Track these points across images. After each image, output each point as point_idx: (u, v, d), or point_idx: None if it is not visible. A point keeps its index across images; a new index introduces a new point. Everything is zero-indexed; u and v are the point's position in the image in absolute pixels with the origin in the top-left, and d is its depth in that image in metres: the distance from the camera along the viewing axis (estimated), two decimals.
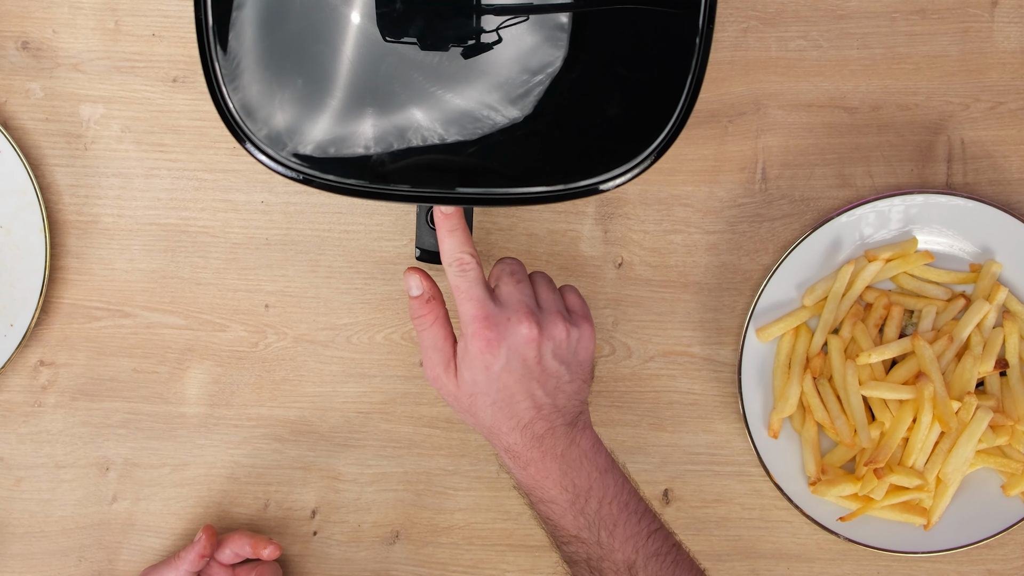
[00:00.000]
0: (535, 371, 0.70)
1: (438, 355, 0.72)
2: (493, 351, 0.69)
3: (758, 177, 0.85)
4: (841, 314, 0.83)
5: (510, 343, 0.69)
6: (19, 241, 0.82)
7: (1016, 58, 0.85)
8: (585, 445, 0.71)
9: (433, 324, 0.72)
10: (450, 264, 0.71)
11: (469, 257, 0.70)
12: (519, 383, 0.70)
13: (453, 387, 0.71)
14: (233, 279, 0.85)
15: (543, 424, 0.70)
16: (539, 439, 0.70)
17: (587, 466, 0.71)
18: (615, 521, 0.70)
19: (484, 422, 0.71)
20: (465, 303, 0.70)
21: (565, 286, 0.75)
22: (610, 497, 0.71)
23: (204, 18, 0.69)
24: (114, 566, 0.85)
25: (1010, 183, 0.85)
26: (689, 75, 0.70)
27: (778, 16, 0.85)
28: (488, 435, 0.72)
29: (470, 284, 0.70)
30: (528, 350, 0.69)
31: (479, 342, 0.69)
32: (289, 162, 0.70)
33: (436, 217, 0.72)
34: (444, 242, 0.71)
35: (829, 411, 0.82)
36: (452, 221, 0.71)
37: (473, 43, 0.69)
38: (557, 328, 0.70)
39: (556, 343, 0.70)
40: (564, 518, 0.71)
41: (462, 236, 0.71)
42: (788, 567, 0.86)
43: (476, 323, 0.69)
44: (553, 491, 0.71)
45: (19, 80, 0.84)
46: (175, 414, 0.85)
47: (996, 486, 0.84)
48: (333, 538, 0.86)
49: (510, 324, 0.69)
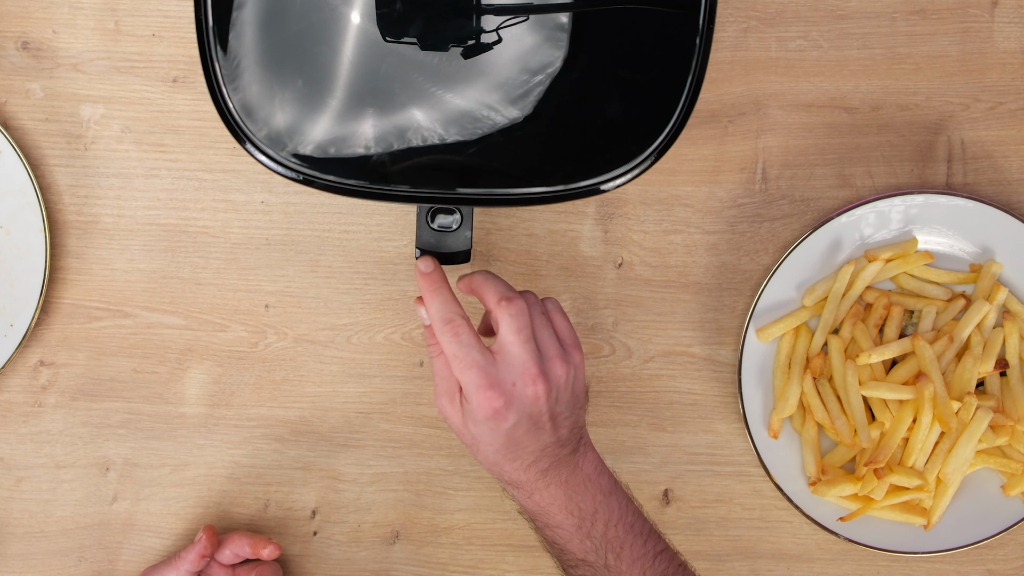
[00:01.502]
0: (544, 423, 0.69)
1: (444, 385, 0.70)
2: (502, 417, 0.67)
3: (758, 177, 0.85)
4: (841, 314, 0.83)
5: (518, 407, 0.67)
6: (19, 241, 0.82)
7: (1016, 58, 0.85)
8: (588, 469, 0.71)
9: (440, 354, 0.70)
10: (441, 330, 0.68)
11: (460, 320, 0.68)
12: (527, 435, 0.68)
13: (458, 421, 0.70)
14: (233, 279, 0.85)
15: (548, 460, 0.70)
16: (543, 472, 0.70)
17: (591, 489, 0.71)
18: (621, 543, 0.70)
19: (487, 461, 0.70)
20: (466, 372, 0.67)
21: (548, 303, 0.72)
22: (616, 519, 0.71)
23: (204, 18, 0.69)
24: (114, 566, 0.85)
25: (1010, 183, 0.85)
26: (689, 75, 0.70)
27: (778, 16, 0.85)
28: (490, 470, 0.71)
29: (467, 351, 0.67)
30: (537, 408, 0.68)
31: (486, 411, 0.67)
32: (289, 162, 0.70)
33: (418, 276, 0.70)
34: (431, 303, 0.69)
35: (829, 411, 0.82)
36: (436, 280, 0.69)
37: (473, 43, 0.69)
38: (559, 374, 0.69)
39: (559, 389, 0.69)
40: (571, 542, 0.70)
41: (448, 294, 0.69)
42: (788, 567, 0.86)
43: (481, 392, 0.67)
44: (559, 516, 0.70)
45: (19, 80, 0.84)
46: (175, 414, 0.85)
47: (996, 486, 0.84)
48: (333, 538, 0.86)
49: (516, 389, 0.67)
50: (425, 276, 0.70)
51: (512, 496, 0.73)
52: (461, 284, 0.72)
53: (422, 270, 0.70)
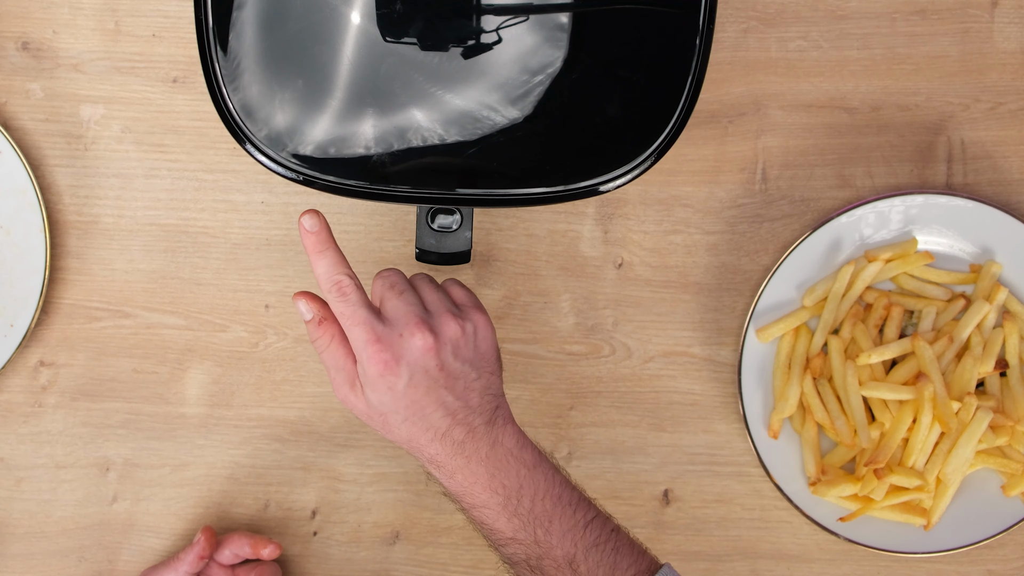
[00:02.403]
0: (440, 379, 0.67)
1: (341, 375, 0.69)
2: (393, 371, 0.66)
3: (758, 177, 0.85)
4: (841, 314, 0.83)
5: (408, 359, 0.66)
6: (19, 241, 0.82)
7: (1016, 58, 0.85)
8: (509, 443, 0.69)
9: (330, 344, 0.69)
10: (328, 289, 0.67)
11: (347, 279, 0.67)
12: (427, 395, 0.67)
13: (363, 406, 0.69)
14: (233, 279, 0.85)
15: (461, 429, 0.68)
16: (460, 445, 0.68)
17: (514, 465, 0.69)
18: (550, 517, 0.68)
19: (401, 437, 0.69)
20: (353, 328, 0.67)
21: (447, 280, 0.72)
22: (542, 493, 0.69)
23: (204, 18, 0.69)
24: (114, 566, 0.85)
25: (1010, 183, 0.85)
26: (689, 75, 0.70)
27: (778, 16, 0.85)
28: (409, 448, 0.70)
29: (354, 308, 0.67)
30: (428, 360, 0.67)
31: (376, 365, 0.66)
32: (289, 163, 0.70)
33: (302, 235, 0.68)
34: (317, 264, 0.67)
35: (829, 411, 0.82)
36: (321, 239, 0.68)
37: (473, 43, 0.69)
38: (450, 328, 0.68)
39: (454, 344, 0.68)
40: (498, 521, 0.69)
41: (334, 256, 0.68)
42: (788, 567, 0.86)
43: (369, 347, 0.66)
44: (483, 496, 0.68)
45: (19, 80, 0.84)
46: (175, 414, 0.85)
47: (996, 486, 0.84)
48: (333, 538, 0.86)
49: (403, 340, 0.66)
50: (311, 234, 0.68)
51: (436, 479, 0.71)
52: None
53: (307, 227, 0.68)
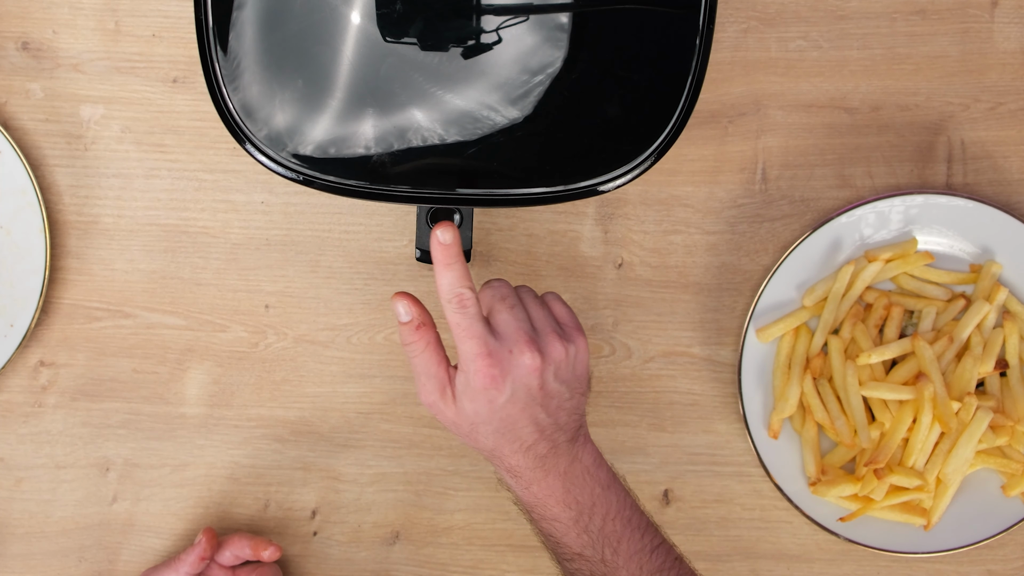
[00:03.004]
0: (538, 397, 0.68)
1: (433, 382, 0.70)
2: (498, 386, 0.67)
3: (758, 177, 0.85)
4: (841, 314, 0.83)
5: (514, 376, 0.68)
6: (19, 241, 0.82)
7: (1016, 58, 0.85)
8: (587, 461, 0.71)
9: (425, 350, 0.69)
10: (449, 300, 0.68)
11: (469, 292, 0.68)
12: (523, 411, 0.68)
13: (452, 414, 0.70)
14: (233, 279, 0.85)
15: (546, 444, 0.69)
16: (542, 459, 0.69)
17: (590, 482, 0.70)
18: (619, 538, 0.70)
19: (485, 446, 0.70)
20: (467, 341, 0.67)
21: (548, 295, 0.73)
22: (613, 513, 0.70)
23: (204, 18, 0.69)
24: (114, 567, 0.85)
25: (1010, 183, 0.85)
26: (689, 75, 0.70)
27: (778, 16, 0.85)
28: (489, 457, 0.71)
29: (471, 321, 0.67)
30: (532, 379, 0.68)
31: (484, 379, 0.67)
32: (289, 163, 0.70)
33: (433, 247, 0.68)
34: (442, 276, 0.68)
35: (829, 411, 0.82)
36: (451, 253, 0.68)
37: (473, 43, 0.69)
38: (556, 350, 0.69)
39: (557, 365, 0.69)
40: (567, 536, 0.70)
41: (461, 270, 0.68)
42: (788, 567, 0.86)
43: (479, 360, 0.67)
44: (556, 509, 0.70)
45: (19, 80, 0.84)
46: (175, 414, 0.85)
47: (996, 486, 0.84)
48: (333, 538, 0.86)
49: (512, 357, 0.67)
50: (445, 248, 0.68)
51: (509, 488, 0.72)
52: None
53: (442, 240, 0.68)
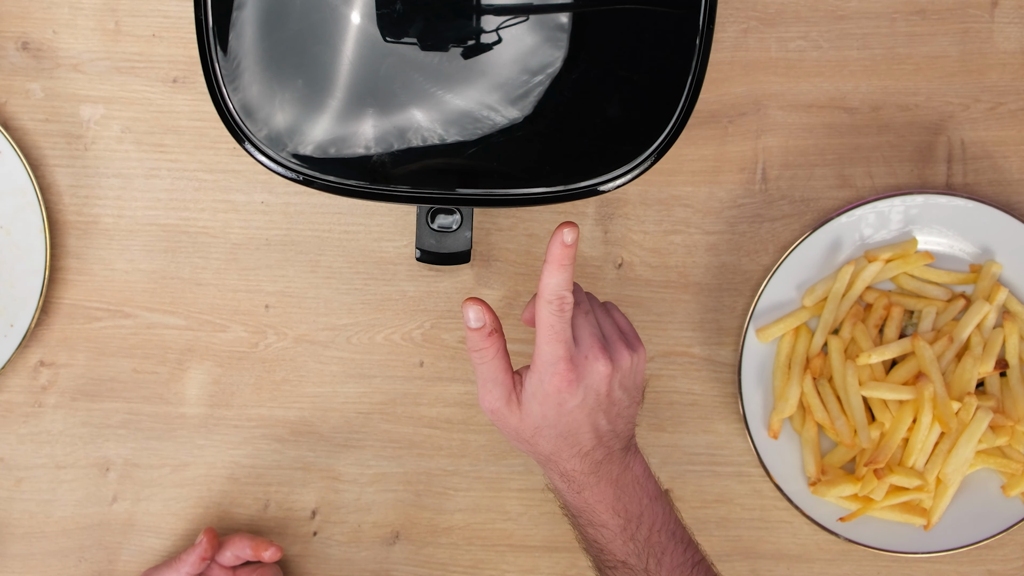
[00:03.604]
0: (603, 404, 0.69)
1: (499, 389, 0.70)
2: (572, 391, 0.68)
3: (758, 178, 0.85)
4: (841, 315, 0.83)
5: (587, 382, 0.69)
6: (19, 241, 0.82)
7: (1016, 58, 0.85)
8: (638, 470, 0.72)
9: (495, 357, 0.70)
10: (551, 300, 0.68)
11: (571, 297, 0.68)
12: (588, 417, 0.69)
13: (515, 420, 0.70)
14: (233, 279, 0.85)
15: (603, 450, 0.70)
16: (597, 464, 0.70)
17: (639, 492, 0.71)
18: (663, 549, 0.71)
19: (544, 451, 0.71)
20: (554, 343, 0.68)
21: (608, 304, 0.74)
22: (659, 525, 0.71)
23: (204, 18, 0.69)
24: (114, 567, 0.85)
25: (1010, 183, 0.85)
26: (689, 75, 0.70)
27: (778, 16, 0.85)
28: (544, 461, 0.72)
29: (564, 325, 0.68)
30: (602, 386, 0.69)
31: (559, 382, 0.68)
32: (289, 163, 0.70)
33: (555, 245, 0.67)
34: (553, 275, 0.68)
35: (829, 411, 0.82)
36: (570, 255, 0.68)
37: (473, 43, 0.69)
38: (624, 358, 0.70)
39: (623, 373, 0.70)
40: (613, 543, 0.71)
41: (570, 273, 0.68)
42: (788, 567, 0.86)
43: (561, 363, 0.68)
44: (605, 516, 0.71)
45: (19, 80, 0.84)
46: (175, 414, 0.85)
47: (996, 486, 0.84)
48: (333, 538, 0.86)
49: (587, 362, 0.69)
50: (566, 249, 0.68)
51: (558, 492, 0.73)
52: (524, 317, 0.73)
53: (566, 241, 0.68)
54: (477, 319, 0.69)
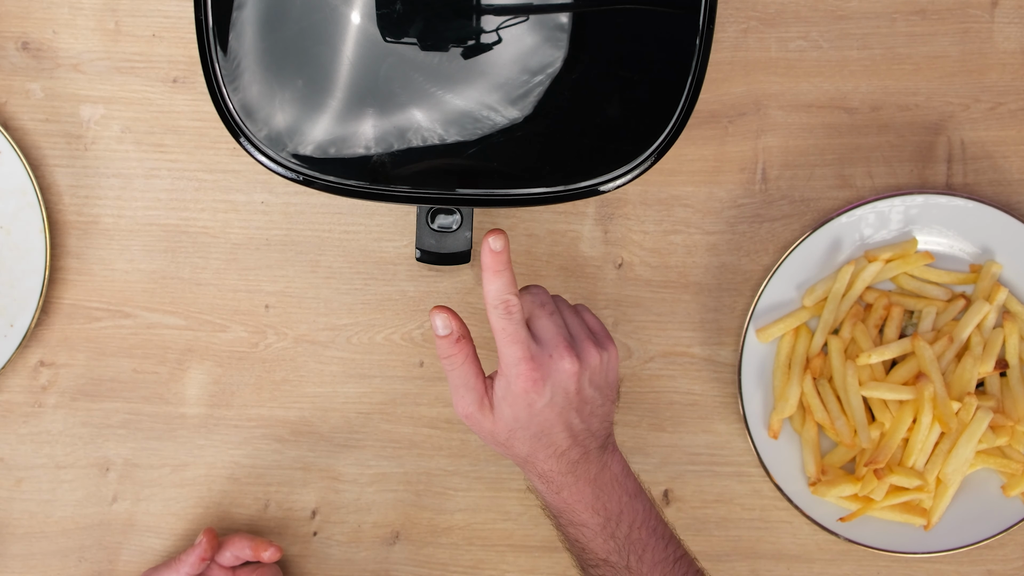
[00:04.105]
0: (574, 402, 0.70)
1: (471, 394, 0.70)
2: (538, 390, 0.68)
3: (758, 178, 0.85)
4: (841, 315, 0.83)
5: (554, 380, 0.69)
6: (19, 241, 0.82)
7: (1016, 58, 0.85)
8: (616, 469, 0.72)
9: (464, 363, 0.70)
10: (495, 306, 0.68)
11: (515, 299, 0.69)
12: (559, 416, 0.69)
13: (489, 424, 0.71)
14: (233, 279, 0.85)
15: (578, 450, 0.70)
16: (574, 464, 0.71)
17: (618, 490, 0.72)
18: (644, 546, 0.71)
19: (520, 453, 0.71)
20: (511, 346, 0.68)
21: (579, 306, 0.74)
22: (640, 522, 0.72)
23: (204, 18, 0.69)
24: (114, 567, 0.85)
25: (1010, 183, 0.85)
26: (689, 75, 0.70)
27: (778, 16, 0.85)
28: (522, 464, 0.72)
29: (516, 327, 0.68)
30: (570, 383, 0.69)
31: (525, 383, 0.68)
32: (289, 163, 0.70)
33: (484, 253, 0.68)
34: (492, 282, 0.68)
35: (829, 411, 0.82)
36: (502, 260, 0.69)
37: (473, 43, 0.69)
38: (591, 356, 0.70)
39: (592, 371, 0.70)
40: (594, 541, 0.71)
41: (509, 276, 0.69)
42: (788, 567, 0.86)
43: (522, 364, 0.68)
44: (584, 515, 0.71)
45: (19, 80, 0.84)
46: (175, 414, 0.85)
47: (996, 486, 0.84)
48: (333, 539, 0.86)
49: (552, 361, 0.69)
50: (495, 255, 0.68)
51: (538, 493, 0.73)
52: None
53: (493, 248, 0.68)
54: (444, 327, 0.70)
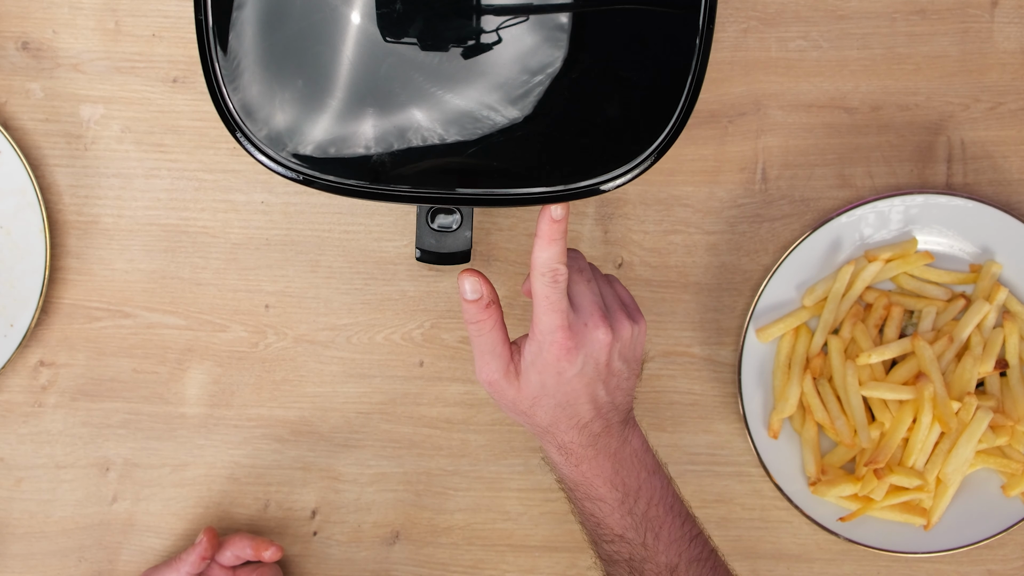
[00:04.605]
0: (603, 374, 0.69)
1: (497, 361, 0.70)
2: (570, 358, 0.68)
3: (758, 177, 0.85)
4: (841, 314, 0.83)
5: (586, 350, 0.68)
6: (19, 241, 0.82)
7: (1016, 58, 0.85)
8: (636, 444, 0.72)
9: (492, 329, 0.70)
10: (543, 273, 0.68)
11: (564, 269, 0.68)
12: (587, 387, 0.69)
13: (513, 392, 0.70)
14: (233, 279, 0.85)
15: (601, 422, 0.70)
16: (595, 437, 0.70)
17: (637, 466, 0.71)
18: (661, 523, 0.71)
19: (541, 422, 0.71)
20: (550, 313, 0.68)
21: (610, 276, 0.74)
22: (657, 499, 0.71)
23: (204, 18, 0.69)
24: (114, 567, 0.85)
25: (1010, 183, 0.85)
26: (689, 75, 0.70)
27: (778, 16, 0.85)
28: (541, 434, 0.71)
29: (560, 295, 0.68)
30: (601, 354, 0.69)
31: (559, 351, 0.68)
32: (289, 162, 0.70)
33: (543, 220, 0.68)
34: (545, 249, 0.68)
35: (829, 411, 0.82)
36: (559, 229, 0.68)
37: (473, 43, 0.69)
38: (624, 328, 0.70)
39: (623, 343, 0.70)
40: (611, 517, 0.71)
41: (563, 246, 0.69)
42: (788, 567, 0.86)
43: (558, 332, 0.68)
44: (602, 489, 0.71)
45: (19, 80, 0.84)
46: (175, 414, 0.85)
47: (996, 486, 0.84)
48: (333, 538, 0.86)
49: (587, 330, 0.68)
50: (554, 223, 0.68)
51: (554, 465, 0.72)
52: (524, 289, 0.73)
53: (555, 216, 0.68)
54: (474, 290, 0.69)
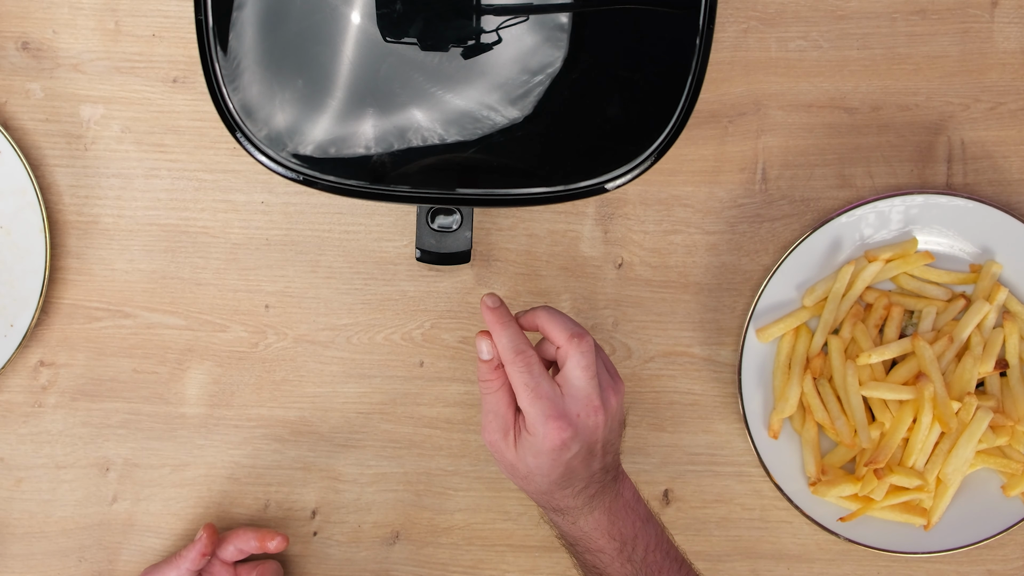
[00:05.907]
0: (598, 451, 0.71)
1: (499, 422, 0.71)
2: (568, 447, 0.69)
3: (758, 177, 0.85)
4: (841, 314, 0.83)
5: (582, 436, 0.69)
6: (19, 241, 0.82)
7: (1016, 58, 0.85)
8: (628, 496, 0.74)
9: (499, 390, 0.71)
10: (512, 360, 0.69)
11: (531, 351, 0.70)
12: (583, 464, 0.70)
13: (511, 456, 0.71)
14: (233, 279, 0.85)
15: (595, 486, 0.72)
16: (591, 498, 0.72)
17: (631, 516, 0.73)
18: (659, 568, 0.73)
19: (538, 490, 0.72)
20: (536, 402, 0.69)
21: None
22: (654, 545, 0.73)
23: (204, 18, 0.69)
24: (114, 566, 0.85)
25: (1010, 183, 0.85)
26: (689, 75, 0.70)
27: (778, 16, 0.85)
28: (538, 498, 0.73)
29: (538, 380, 0.69)
30: (596, 436, 0.70)
31: (554, 440, 0.69)
32: (289, 163, 0.70)
33: (485, 311, 0.70)
34: (501, 335, 0.70)
35: (829, 411, 0.82)
36: (502, 314, 0.70)
37: (473, 43, 0.69)
38: (612, 403, 0.71)
39: (612, 418, 0.71)
40: (611, 566, 0.73)
41: (517, 327, 0.70)
42: (788, 567, 0.86)
43: (551, 423, 0.68)
44: (601, 541, 0.72)
45: (19, 80, 0.84)
46: (175, 414, 0.85)
47: (996, 486, 0.84)
48: (333, 538, 0.86)
49: (581, 419, 0.69)
50: (493, 311, 0.71)
51: (553, 524, 0.75)
52: (524, 319, 0.73)
53: (489, 305, 0.71)
54: (488, 351, 0.71)
